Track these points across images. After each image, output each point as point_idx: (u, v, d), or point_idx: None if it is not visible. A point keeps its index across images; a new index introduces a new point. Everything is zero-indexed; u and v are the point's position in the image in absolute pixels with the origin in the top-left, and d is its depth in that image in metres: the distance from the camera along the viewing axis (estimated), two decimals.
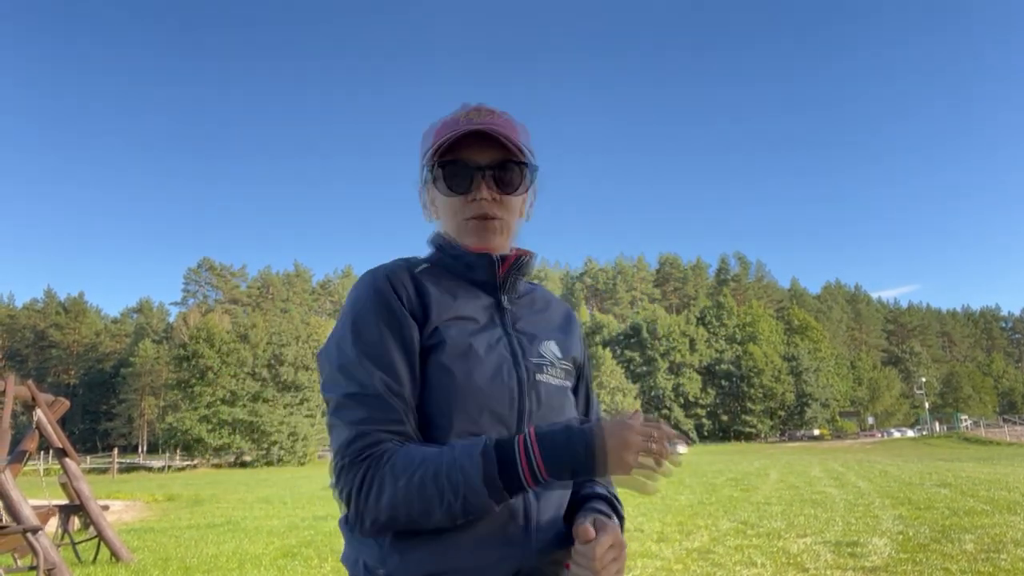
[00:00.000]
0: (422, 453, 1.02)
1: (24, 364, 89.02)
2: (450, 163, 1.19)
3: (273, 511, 14.42)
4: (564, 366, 1.22)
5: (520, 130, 1.25)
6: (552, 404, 1.16)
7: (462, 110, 1.23)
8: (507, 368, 1.13)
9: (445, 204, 1.23)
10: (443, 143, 1.17)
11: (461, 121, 1.19)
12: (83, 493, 8.36)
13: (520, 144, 1.20)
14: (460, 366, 1.10)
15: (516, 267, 1.23)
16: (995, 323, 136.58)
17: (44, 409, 8.02)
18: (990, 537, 7.41)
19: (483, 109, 1.22)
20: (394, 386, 1.07)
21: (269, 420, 57.52)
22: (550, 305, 1.32)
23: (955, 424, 66.61)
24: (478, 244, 1.21)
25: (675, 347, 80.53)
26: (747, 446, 65.65)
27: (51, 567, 6.38)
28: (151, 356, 79.06)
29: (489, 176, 1.19)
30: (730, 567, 6.49)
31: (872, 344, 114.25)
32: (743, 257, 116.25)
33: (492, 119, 1.20)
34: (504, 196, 1.20)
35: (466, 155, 1.18)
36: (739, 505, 11.92)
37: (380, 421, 1.05)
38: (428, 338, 1.12)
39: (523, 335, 1.20)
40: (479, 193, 1.18)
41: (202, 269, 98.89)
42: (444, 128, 1.20)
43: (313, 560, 7.81)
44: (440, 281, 1.19)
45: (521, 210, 1.27)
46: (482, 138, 1.17)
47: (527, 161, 1.22)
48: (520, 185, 1.22)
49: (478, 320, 1.17)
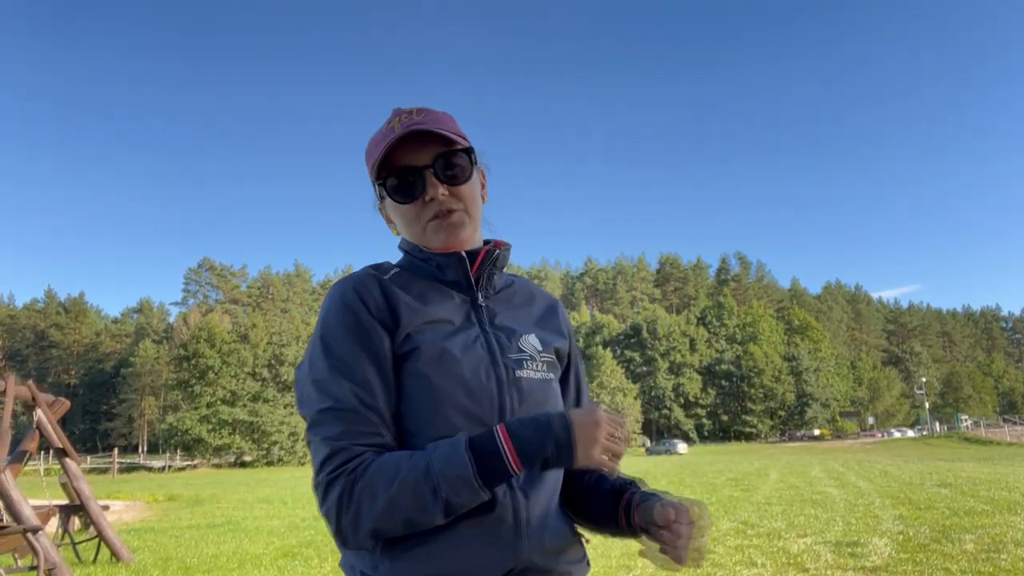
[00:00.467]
0: (398, 459, 1.01)
1: (24, 364, 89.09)
2: (393, 173, 1.18)
3: (273, 511, 14.42)
4: (546, 358, 1.20)
5: (445, 118, 1.23)
6: (535, 398, 1.14)
7: (387, 121, 1.21)
8: (484, 368, 1.12)
9: (402, 214, 1.21)
10: (379, 157, 1.16)
11: (388, 131, 1.18)
12: (83, 493, 8.36)
13: (452, 131, 1.19)
14: (435, 371, 1.09)
15: (489, 262, 1.21)
16: (995, 323, 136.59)
17: (44, 409, 8.02)
18: (990, 537, 7.40)
19: (402, 112, 1.21)
20: (367, 398, 1.06)
21: (269, 420, 57.59)
22: (531, 297, 1.30)
23: (955, 424, 66.59)
24: (446, 242, 1.18)
25: (675, 347, 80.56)
26: (747, 446, 65.66)
27: (51, 567, 6.38)
28: (151, 356, 79.10)
29: (433, 173, 1.17)
30: (730, 567, 6.48)
31: (872, 344, 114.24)
32: (743, 257, 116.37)
33: (413, 119, 1.18)
34: (455, 188, 1.18)
35: (405, 160, 1.17)
36: (739, 505, 11.91)
37: (356, 435, 1.04)
38: (400, 346, 1.11)
39: (501, 331, 1.18)
40: (430, 192, 1.17)
41: (202, 269, 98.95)
42: (376, 142, 1.20)
43: (313, 560, 7.81)
44: (411, 286, 1.18)
45: (479, 195, 1.25)
46: (414, 139, 1.16)
47: (464, 146, 1.20)
48: (467, 172, 1.20)
49: (453, 321, 1.16)
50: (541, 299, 1.32)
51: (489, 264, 1.21)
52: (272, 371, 63.70)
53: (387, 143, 1.15)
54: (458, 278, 1.19)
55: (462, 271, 1.18)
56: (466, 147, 1.20)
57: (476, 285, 1.20)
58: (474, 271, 1.19)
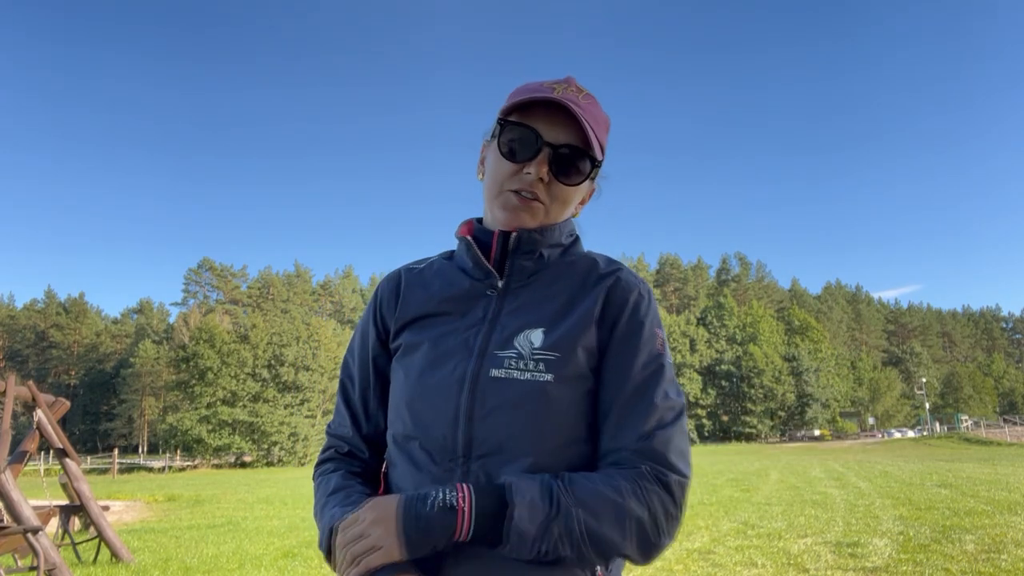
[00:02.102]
0: (326, 490, 1.12)
1: (24, 364, 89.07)
2: (517, 126, 1.09)
3: (273, 511, 14.42)
4: (545, 356, 1.03)
5: (602, 121, 1.14)
6: (507, 399, 1.01)
7: (556, 81, 1.13)
8: (453, 364, 1.05)
9: (495, 166, 1.12)
10: (518, 103, 1.09)
11: (546, 88, 1.10)
12: (83, 493, 8.36)
13: (597, 134, 1.10)
14: (403, 366, 1.12)
15: (513, 247, 1.11)
16: (996, 323, 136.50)
17: (44, 409, 8.02)
18: (991, 537, 7.41)
19: (573, 84, 1.12)
20: (350, 393, 1.21)
21: (269, 421, 57.57)
22: (566, 279, 1.12)
23: (955, 424, 66.56)
24: (506, 222, 1.11)
25: (675, 347, 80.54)
26: (747, 446, 65.64)
27: (51, 567, 6.38)
28: (151, 356, 79.07)
29: (550, 155, 1.08)
30: (731, 567, 6.48)
31: (873, 344, 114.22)
32: (744, 257, 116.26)
33: (578, 98, 1.09)
34: (557, 182, 1.10)
35: (537, 124, 1.08)
36: (740, 505, 11.91)
37: (336, 427, 1.21)
38: (395, 339, 1.17)
39: (502, 324, 1.08)
40: (533, 168, 1.07)
41: (203, 269, 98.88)
42: (526, 89, 1.12)
43: (313, 560, 7.81)
44: (436, 275, 1.18)
45: (572, 204, 1.15)
46: (563, 114, 1.08)
47: (595, 156, 1.10)
48: (579, 177, 1.11)
49: (452, 313, 1.12)
50: (585, 278, 1.12)
51: (511, 249, 1.11)
52: (272, 371, 63.65)
53: (538, 96, 1.07)
54: (474, 264, 1.14)
55: (472, 257, 1.14)
56: (595, 157, 1.10)
57: (500, 272, 1.13)
58: (492, 257, 1.13)
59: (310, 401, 64.31)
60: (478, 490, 0.94)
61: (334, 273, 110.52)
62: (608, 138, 1.16)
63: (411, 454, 1.05)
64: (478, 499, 0.92)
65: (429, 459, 1.03)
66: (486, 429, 1.00)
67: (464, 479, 0.99)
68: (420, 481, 1.02)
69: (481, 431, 1.00)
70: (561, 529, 0.92)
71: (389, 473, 1.12)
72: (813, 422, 79.40)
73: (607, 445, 1.02)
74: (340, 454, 1.20)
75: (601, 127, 1.12)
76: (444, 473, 1.00)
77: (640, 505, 0.95)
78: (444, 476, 1.00)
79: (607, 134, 1.15)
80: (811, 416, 79.58)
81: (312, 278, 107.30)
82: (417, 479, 1.03)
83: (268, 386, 62.84)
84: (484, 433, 1.00)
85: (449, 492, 0.93)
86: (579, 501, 0.93)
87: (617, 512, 0.94)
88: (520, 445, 0.99)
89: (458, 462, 1.00)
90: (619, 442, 1.00)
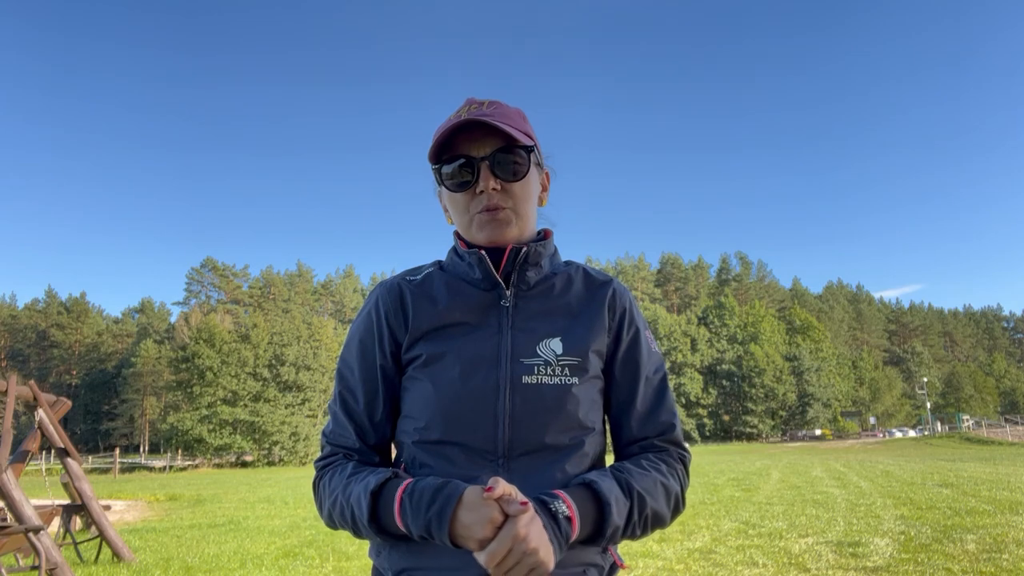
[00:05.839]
0: (343, 479, 1.11)
1: (26, 364, 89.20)
2: (448, 160, 1.17)
3: (275, 511, 14.43)
4: (568, 362, 1.15)
5: (515, 115, 1.21)
6: (545, 405, 1.12)
7: (458, 110, 1.21)
8: (484, 372, 1.12)
9: (454, 203, 1.21)
10: (438, 142, 1.16)
11: (453, 118, 1.18)
12: (85, 493, 8.37)
13: (517, 128, 1.17)
14: (429, 374, 1.14)
15: (519, 259, 1.18)
16: (997, 323, 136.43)
17: (46, 409, 8.03)
18: (992, 537, 7.41)
19: (474, 101, 1.20)
20: (352, 404, 1.20)
21: (270, 420, 57.62)
22: (572, 289, 1.23)
23: (957, 424, 66.51)
24: (489, 238, 1.18)
25: (676, 347, 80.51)
26: (749, 446, 65.64)
27: (53, 567, 6.38)
28: (153, 356, 79.13)
29: (488, 165, 1.15)
30: (732, 567, 6.48)
31: (874, 344, 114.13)
32: (744, 257, 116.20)
33: (482, 109, 1.17)
34: (508, 184, 1.17)
35: (464, 150, 1.16)
36: (741, 505, 11.91)
37: (337, 435, 1.20)
38: (407, 351, 1.18)
39: (521, 333, 1.16)
40: (482, 184, 1.15)
41: (205, 269, 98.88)
42: (438, 130, 1.19)
43: (315, 560, 7.81)
44: (439, 287, 1.21)
45: (533, 196, 1.23)
46: (478, 129, 1.15)
47: (527, 144, 1.17)
48: (523, 171, 1.18)
49: (469, 323, 1.17)
50: (585, 290, 1.24)
51: (520, 261, 1.19)
52: (273, 371, 63.70)
53: (447, 128, 1.15)
54: (483, 277, 1.19)
55: (484, 270, 1.18)
56: (527, 145, 1.17)
57: (507, 283, 1.19)
58: (501, 269, 1.18)
59: (311, 401, 64.35)
60: (574, 496, 1.04)
61: (336, 273, 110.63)
62: (530, 124, 1.24)
63: (447, 456, 1.11)
64: (579, 505, 1.02)
65: (468, 459, 1.10)
66: (526, 430, 1.10)
67: (508, 475, 1.07)
68: (462, 477, 1.07)
69: (522, 432, 1.10)
70: (637, 516, 1.08)
71: (415, 473, 1.13)
72: (814, 422, 79.40)
73: (637, 434, 1.21)
74: (346, 457, 1.20)
75: (516, 119, 1.20)
76: (486, 471, 1.08)
77: (675, 482, 1.17)
78: (486, 473, 1.07)
79: (526, 122, 1.23)
80: (812, 416, 79.57)
81: (313, 278, 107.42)
82: (458, 476, 1.08)
83: (269, 386, 62.89)
84: (525, 434, 1.10)
85: (559, 503, 1.01)
86: (644, 488, 1.10)
87: (666, 492, 1.14)
88: (557, 442, 1.11)
89: (499, 461, 1.09)
90: (646, 432, 1.21)
